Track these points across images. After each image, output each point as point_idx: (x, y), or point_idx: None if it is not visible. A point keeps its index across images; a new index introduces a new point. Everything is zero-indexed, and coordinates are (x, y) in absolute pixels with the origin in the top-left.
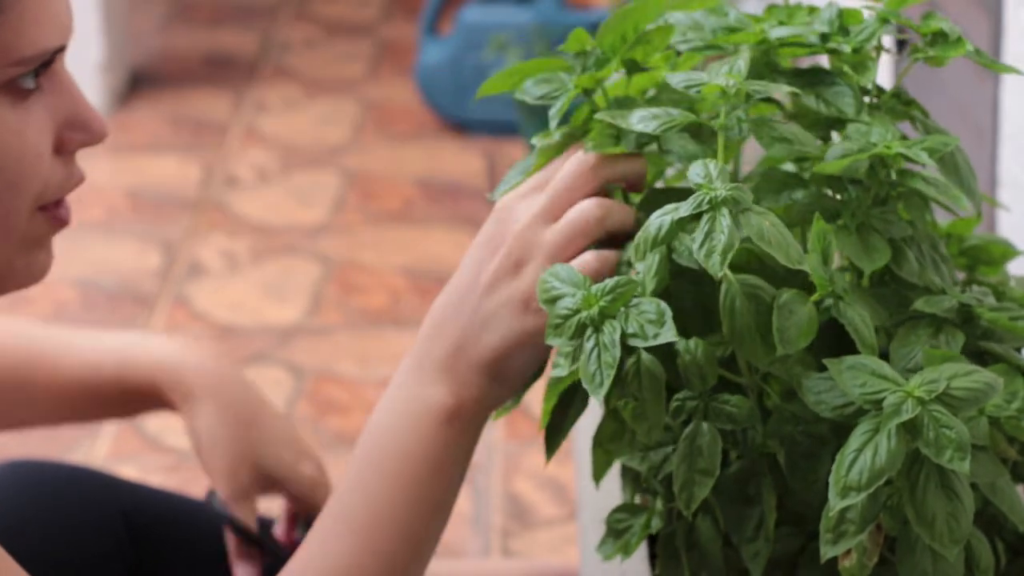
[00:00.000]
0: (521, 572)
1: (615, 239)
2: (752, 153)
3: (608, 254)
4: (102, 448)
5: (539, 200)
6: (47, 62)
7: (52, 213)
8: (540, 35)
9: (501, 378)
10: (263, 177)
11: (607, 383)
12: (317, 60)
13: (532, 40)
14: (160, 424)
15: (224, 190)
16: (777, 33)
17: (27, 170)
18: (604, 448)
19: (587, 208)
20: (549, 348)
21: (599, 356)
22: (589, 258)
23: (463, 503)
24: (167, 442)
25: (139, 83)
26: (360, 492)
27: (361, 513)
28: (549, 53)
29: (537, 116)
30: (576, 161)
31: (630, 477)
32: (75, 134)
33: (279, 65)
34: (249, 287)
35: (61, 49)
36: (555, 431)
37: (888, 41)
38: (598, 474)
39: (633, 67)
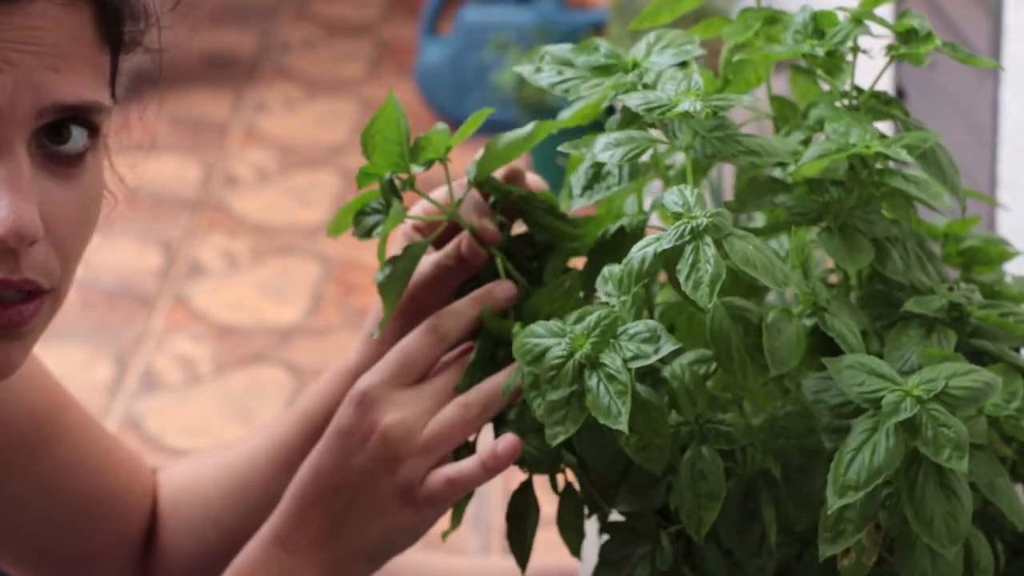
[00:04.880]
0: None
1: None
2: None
3: (476, 464)
4: None
5: (404, 396)
6: None
7: None
8: (540, 35)
9: (375, 560)
10: (263, 177)
11: (626, 410)
12: (317, 60)
13: (532, 40)
14: (160, 424)
15: (224, 190)
16: (658, 60)
17: None
18: (572, 530)
19: (461, 407)
20: (425, 532)
21: (608, 389)
22: (469, 462)
23: None
24: (167, 442)
25: (139, 83)
26: None
27: None
28: None
29: (537, 117)
30: (424, 337)
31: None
32: None
33: (279, 65)
34: (249, 287)
35: None
36: (519, 545)
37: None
38: (577, 551)
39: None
